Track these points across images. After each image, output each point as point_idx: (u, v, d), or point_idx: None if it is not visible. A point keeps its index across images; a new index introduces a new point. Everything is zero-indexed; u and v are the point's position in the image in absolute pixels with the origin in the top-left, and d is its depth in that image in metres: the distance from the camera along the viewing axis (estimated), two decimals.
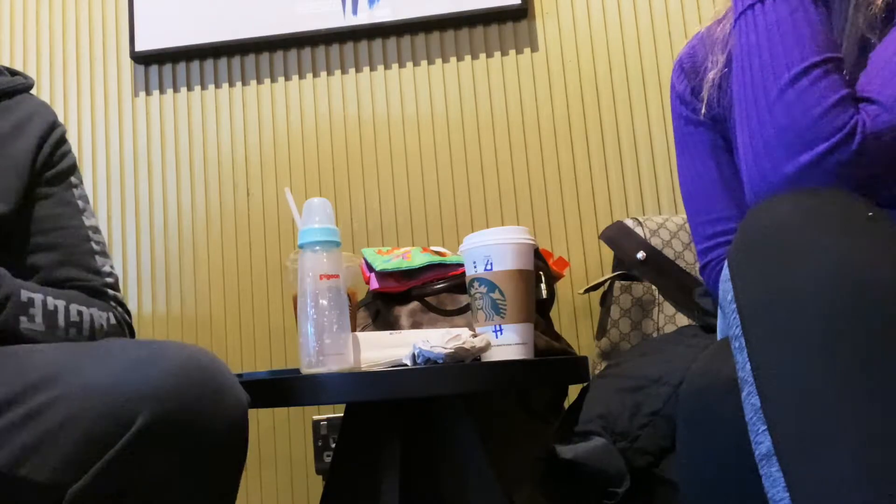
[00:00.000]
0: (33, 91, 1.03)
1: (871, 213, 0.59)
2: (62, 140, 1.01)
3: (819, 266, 0.55)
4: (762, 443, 0.54)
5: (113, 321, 0.93)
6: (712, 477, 0.65)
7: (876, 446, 0.50)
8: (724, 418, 0.62)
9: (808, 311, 0.54)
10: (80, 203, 0.99)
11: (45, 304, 0.84)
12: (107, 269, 0.98)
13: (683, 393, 0.69)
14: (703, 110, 0.93)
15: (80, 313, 0.88)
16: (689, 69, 0.97)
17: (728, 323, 0.60)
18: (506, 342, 0.96)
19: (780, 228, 0.58)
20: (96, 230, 1.00)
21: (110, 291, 0.97)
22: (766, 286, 0.57)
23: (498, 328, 0.96)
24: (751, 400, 0.56)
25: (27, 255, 0.94)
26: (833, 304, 0.54)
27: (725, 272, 0.62)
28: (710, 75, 0.92)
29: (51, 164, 0.98)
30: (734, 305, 0.59)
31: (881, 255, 0.55)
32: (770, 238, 0.58)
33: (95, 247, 0.98)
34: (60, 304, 0.86)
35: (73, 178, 1.00)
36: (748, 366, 0.56)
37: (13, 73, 1.02)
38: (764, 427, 0.54)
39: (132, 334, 0.99)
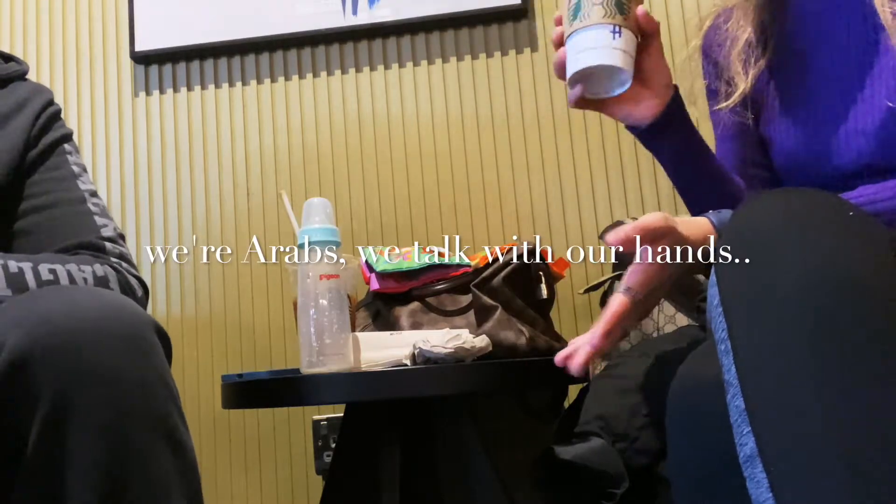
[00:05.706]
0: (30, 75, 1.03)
1: (852, 213, 0.59)
2: (56, 116, 1.01)
3: (803, 266, 0.55)
4: (746, 444, 0.54)
5: (101, 273, 0.89)
6: (701, 476, 0.64)
7: (861, 447, 0.49)
8: (711, 418, 0.62)
9: (793, 311, 0.54)
10: (74, 169, 0.99)
11: (5, 267, 0.82)
12: (106, 227, 0.97)
13: (672, 392, 0.69)
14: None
15: (52, 271, 0.85)
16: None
17: (715, 326, 0.60)
18: (621, 47, 0.78)
19: (764, 229, 0.58)
20: (93, 194, 0.99)
21: (108, 245, 0.95)
22: (750, 287, 0.57)
23: (616, 29, 0.78)
24: (735, 402, 0.55)
25: (18, 223, 0.94)
26: (818, 305, 0.53)
27: (712, 277, 0.61)
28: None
29: (43, 135, 0.98)
30: (720, 308, 0.59)
31: (865, 254, 0.55)
32: (754, 239, 0.58)
33: (93, 208, 0.97)
34: (26, 265, 0.84)
35: (66, 146, 1.00)
36: (733, 368, 0.56)
37: (7, 58, 1.01)
38: (748, 429, 0.53)
39: (140, 286, 0.96)
